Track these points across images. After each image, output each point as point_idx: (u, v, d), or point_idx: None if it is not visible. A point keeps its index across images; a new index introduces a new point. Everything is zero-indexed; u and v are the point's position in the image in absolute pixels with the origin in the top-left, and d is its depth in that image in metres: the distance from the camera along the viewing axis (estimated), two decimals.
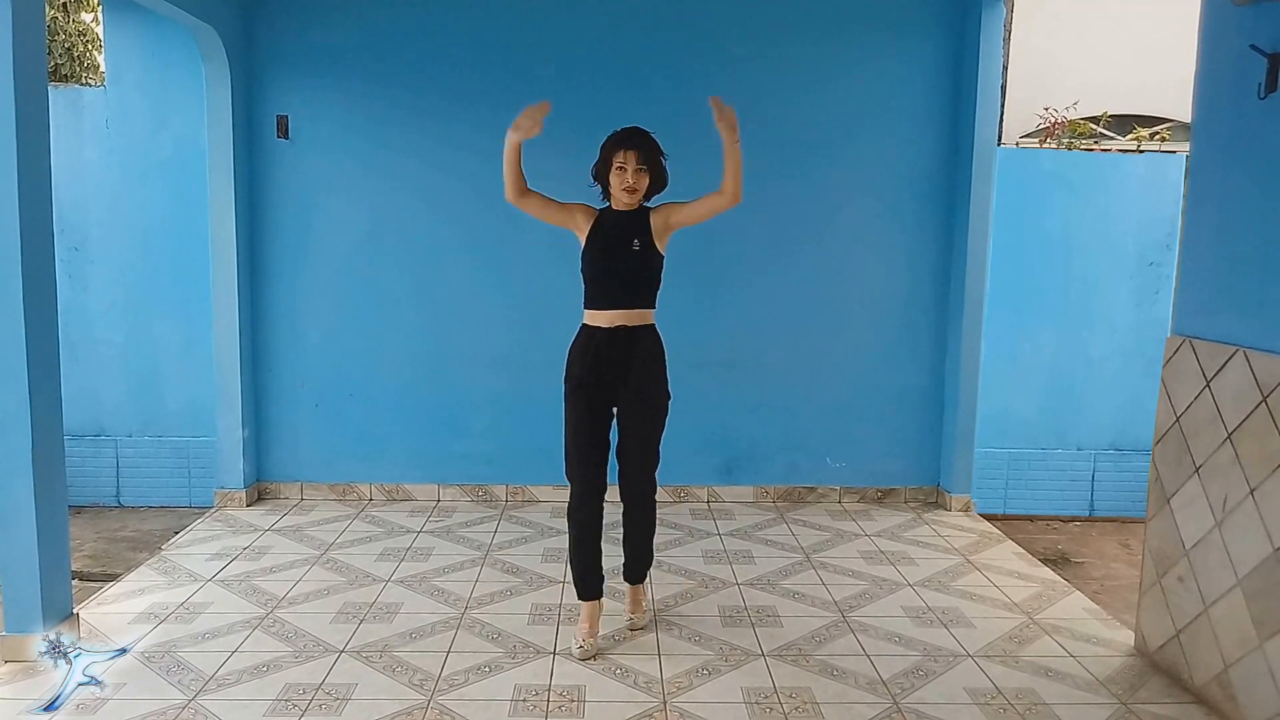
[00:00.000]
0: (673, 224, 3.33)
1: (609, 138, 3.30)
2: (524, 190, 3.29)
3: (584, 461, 3.27)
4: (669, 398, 3.38)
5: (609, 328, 3.25)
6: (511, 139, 3.21)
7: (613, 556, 3.47)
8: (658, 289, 3.35)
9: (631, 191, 3.24)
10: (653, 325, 3.34)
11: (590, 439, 3.27)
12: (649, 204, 3.38)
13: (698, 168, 4.83)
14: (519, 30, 4.79)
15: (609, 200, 3.35)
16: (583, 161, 4.87)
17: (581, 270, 3.34)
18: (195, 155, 4.80)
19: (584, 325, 3.32)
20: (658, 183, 3.34)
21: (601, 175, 3.31)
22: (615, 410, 3.32)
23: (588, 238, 3.31)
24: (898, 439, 5.11)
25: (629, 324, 3.26)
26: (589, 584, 3.35)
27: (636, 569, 3.49)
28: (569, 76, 4.80)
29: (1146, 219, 5.32)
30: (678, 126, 4.83)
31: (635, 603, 3.54)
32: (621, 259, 3.25)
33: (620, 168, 3.23)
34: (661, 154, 3.33)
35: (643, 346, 3.27)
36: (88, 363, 5.10)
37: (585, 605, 3.36)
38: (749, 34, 4.83)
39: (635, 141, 3.24)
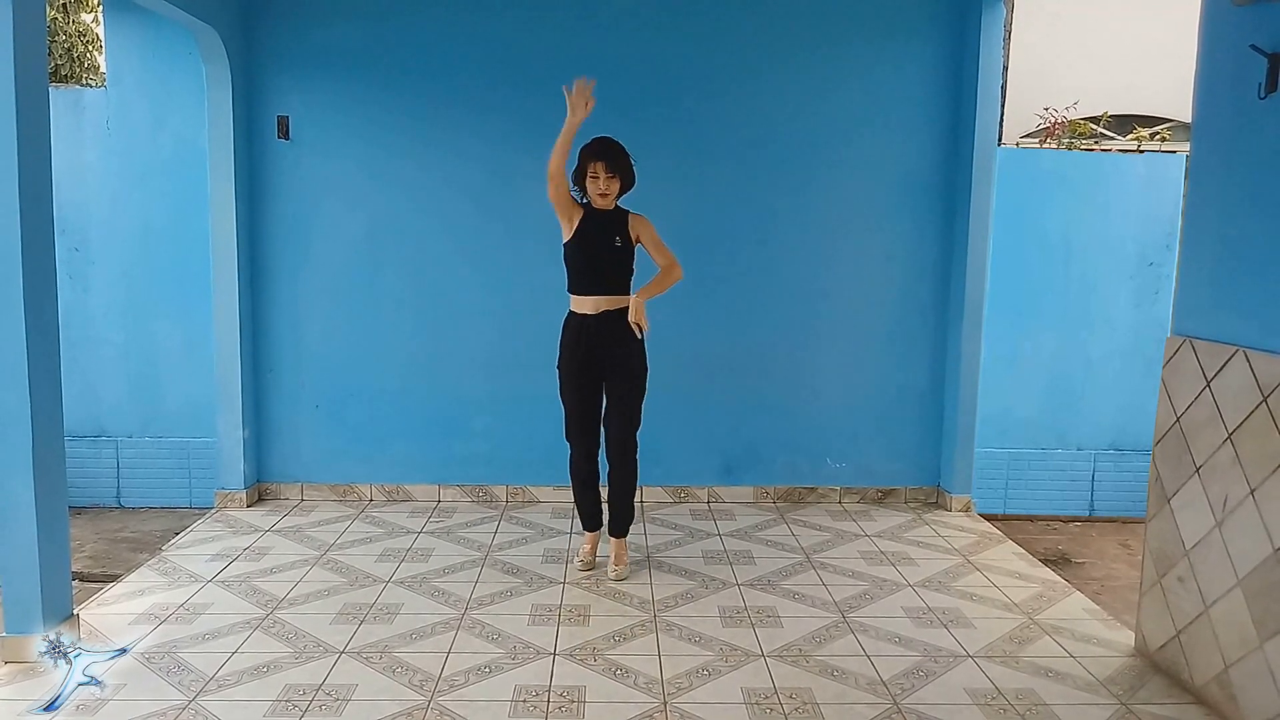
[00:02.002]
0: (641, 241, 3.87)
1: (583, 149, 3.80)
2: (562, 168, 3.75)
3: (581, 428, 3.93)
4: (647, 370, 3.93)
5: (595, 314, 3.81)
6: (573, 120, 3.68)
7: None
8: (632, 276, 3.89)
9: (604, 195, 3.78)
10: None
11: (585, 409, 3.91)
12: (626, 206, 3.89)
13: (698, 171, 4.87)
14: (518, 36, 4.79)
15: (586, 198, 3.86)
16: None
17: (566, 259, 3.87)
18: (196, 156, 4.80)
19: (571, 312, 3.89)
20: (627, 183, 3.85)
21: (579, 180, 3.84)
22: (603, 383, 3.90)
23: (575, 230, 3.82)
24: (898, 439, 5.10)
25: (611, 308, 3.80)
26: (591, 520, 4.10)
27: (621, 524, 4.04)
28: (568, 83, 4.79)
29: (1146, 219, 5.32)
30: (681, 134, 4.87)
31: (619, 556, 4.02)
32: (605, 252, 3.79)
33: (594, 176, 3.76)
34: (628, 159, 3.81)
35: (625, 328, 3.79)
36: (88, 363, 5.10)
37: (588, 535, 4.11)
38: (751, 40, 4.83)
39: (604, 153, 3.76)
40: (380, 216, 4.89)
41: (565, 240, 3.85)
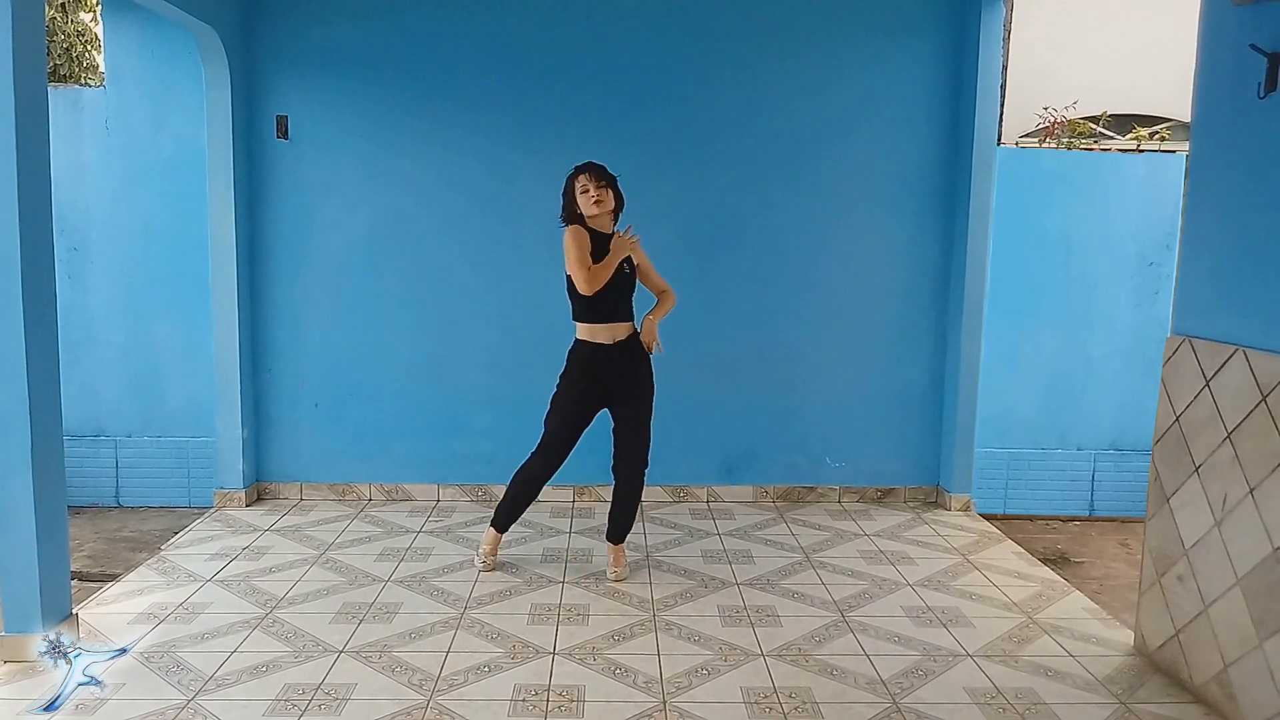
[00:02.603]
0: (639, 267, 3.88)
1: (567, 178, 3.80)
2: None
3: (557, 445, 3.86)
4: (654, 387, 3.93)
5: (611, 344, 3.77)
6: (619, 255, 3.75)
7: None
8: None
9: (599, 203, 3.70)
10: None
11: (570, 435, 3.85)
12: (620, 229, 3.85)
13: (698, 170, 4.87)
14: (519, 35, 4.78)
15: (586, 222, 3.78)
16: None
17: (573, 289, 3.73)
18: (195, 155, 4.79)
19: (583, 341, 3.81)
20: (618, 199, 3.81)
21: (571, 208, 3.78)
22: (610, 406, 3.87)
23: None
24: (898, 439, 5.10)
25: (625, 335, 3.80)
26: (507, 521, 4.07)
27: (620, 532, 4.03)
28: (570, 82, 4.80)
29: (1146, 219, 5.32)
30: (681, 132, 4.87)
31: (618, 559, 4.01)
32: (616, 279, 3.73)
33: (584, 190, 3.72)
34: (613, 176, 3.78)
35: (638, 352, 3.84)
36: (87, 363, 5.10)
37: (497, 533, 4.08)
38: (752, 40, 4.83)
39: (587, 167, 3.76)
40: (380, 216, 4.89)
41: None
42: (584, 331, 3.80)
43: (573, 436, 3.87)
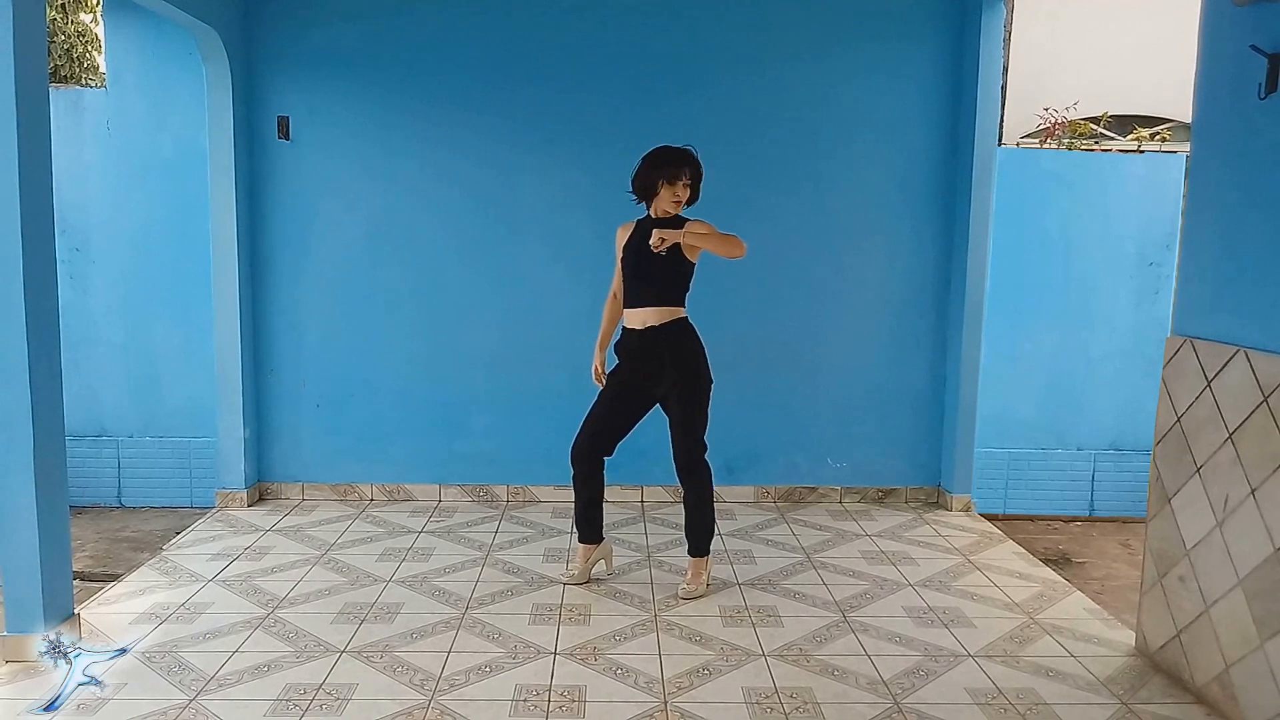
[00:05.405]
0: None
1: (656, 159, 3.64)
2: (616, 298, 3.87)
3: (584, 440, 3.75)
4: (709, 382, 3.73)
5: (640, 328, 3.68)
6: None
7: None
8: (684, 290, 3.76)
9: (678, 204, 3.64)
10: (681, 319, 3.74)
11: (600, 426, 3.73)
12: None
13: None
14: (518, 35, 4.79)
15: (650, 211, 3.71)
16: (587, 167, 4.91)
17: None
18: (196, 156, 4.80)
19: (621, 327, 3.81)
20: (696, 196, 3.74)
21: (647, 192, 3.66)
22: (658, 399, 3.74)
23: (624, 248, 3.75)
24: (898, 439, 5.11)
25: (656, 322, 3.66)
26: (581, 530, 3.87)
27: (691, 542, 3.82)
28: (570, 84, 4.80)
29: (1146, 219, 5.32)
30: (682, 134, 4.84)
31: (690, 574, 3.83)
32: (649, 262, 3.62)
33: (670, 185, 3.62)
34: (700, 171, 3.70)
35: (673, 345, 3.67)
36: (89, 363, 5.10)
37: (580, 546, 3.89)
38: (754, 39, 4.83)
39: (687, 160, 3.65)
40: (381, 216, 4.89)
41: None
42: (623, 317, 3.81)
43: (603, 427, 3.73)
